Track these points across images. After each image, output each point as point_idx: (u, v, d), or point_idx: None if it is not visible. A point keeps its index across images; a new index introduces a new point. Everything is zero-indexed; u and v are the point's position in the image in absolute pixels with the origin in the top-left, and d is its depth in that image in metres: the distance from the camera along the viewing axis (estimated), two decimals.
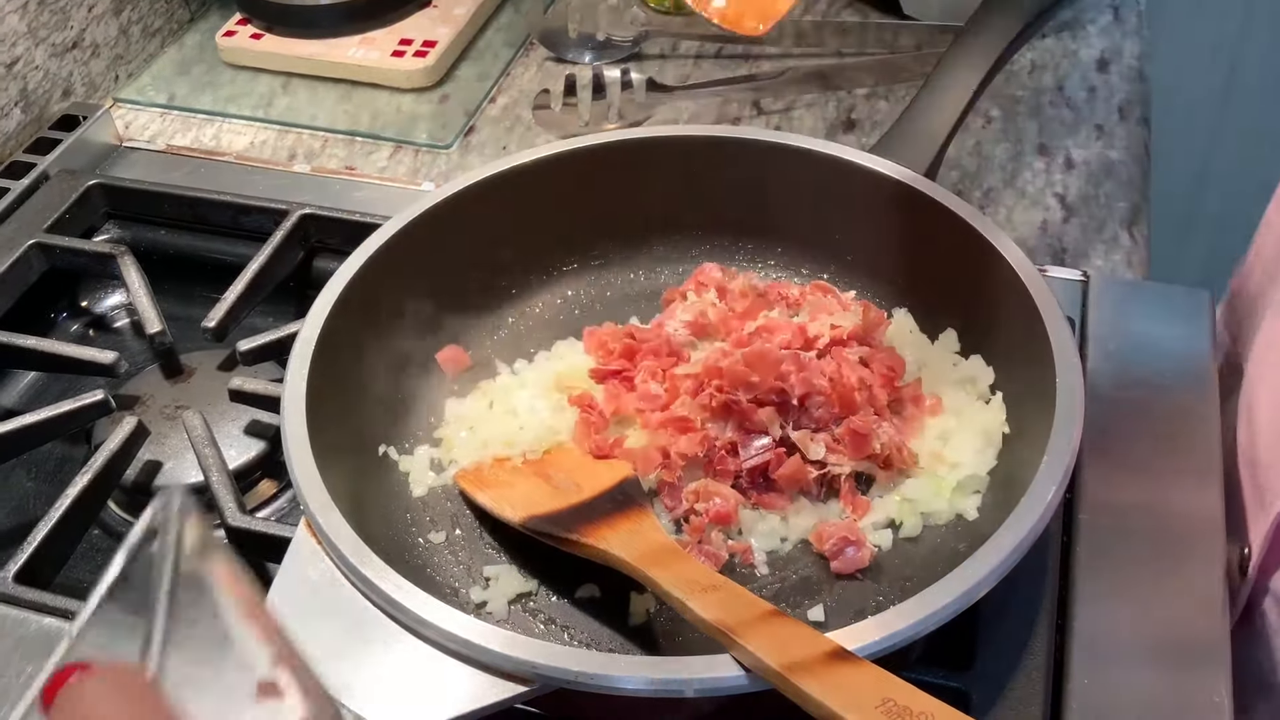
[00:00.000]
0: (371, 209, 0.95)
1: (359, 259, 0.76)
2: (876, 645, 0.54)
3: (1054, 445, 0.63)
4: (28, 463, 0.86)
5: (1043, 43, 1.15)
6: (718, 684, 0.54)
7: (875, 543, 0.70)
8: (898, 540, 0.70)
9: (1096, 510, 0.73)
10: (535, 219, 0.85)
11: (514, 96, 1.14)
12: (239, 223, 0.98)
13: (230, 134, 1.12)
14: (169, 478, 0.81)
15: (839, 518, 0.71)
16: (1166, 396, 0.79)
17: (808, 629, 0.56)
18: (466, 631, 0.56)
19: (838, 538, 0.69)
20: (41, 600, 0.70)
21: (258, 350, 0.84)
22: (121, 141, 1.11)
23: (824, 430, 0.73)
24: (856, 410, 0.73)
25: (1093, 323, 0.85)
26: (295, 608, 0.59)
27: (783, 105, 1.11)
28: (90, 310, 1.01)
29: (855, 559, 0.69)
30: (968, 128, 1.02)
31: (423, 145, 1.09)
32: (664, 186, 0.86)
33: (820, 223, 0.85)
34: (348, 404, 0.74)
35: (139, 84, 1.18)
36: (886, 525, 0.71)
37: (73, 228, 0.98)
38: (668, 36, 1.19)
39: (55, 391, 0.92)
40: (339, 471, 0.70)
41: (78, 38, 1.12)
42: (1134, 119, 1.07)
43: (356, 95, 1.15)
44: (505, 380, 0.80)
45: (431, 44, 1.16)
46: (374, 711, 0.54)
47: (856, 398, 0.73)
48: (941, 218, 0.78)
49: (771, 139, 0.85)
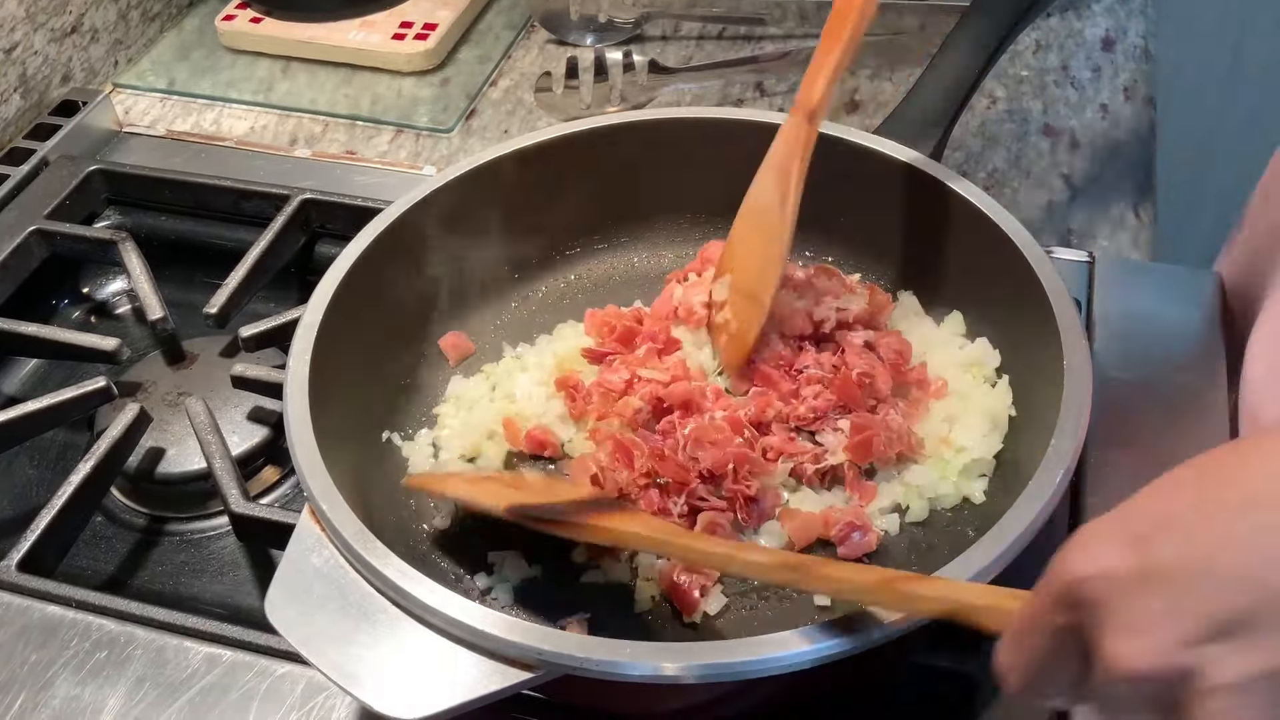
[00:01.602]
0: (373, 193, 0.95)
1: (361, 244, 0.76)
2: (881, 633, 0.54)
3: (1062, 428, 0.62)
4: (30, 450, 0.86)
5: (1047, 22, 1.14)
6: (721, 670, 0.54)
7: (882, 527, 0.70)
8: (904, 524, 0.70)
9: (1103, 492, 0.72)
10: (538, 203, 0.84)
11: (515, 79, 1.14)
12: (240, 208, 0.98)
13: (230, 119, 1.11)
14: (172, 464, 0.81)
15: (844, 504, 0.71)
16: (1173, 377, 0.79)
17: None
18: (471, 618, 0.55)
19: (844, 523, 0.68)
20: (45, 588, 0.70)
21: (260, 336, 0.84)
22: (121, 127, 1.10)
23: (822, 419, 0.72)
24: (859, 405, 0.72)
25: (1099, 304, 0.84)
26: (299, 595, 0.59)
27: (786, 87, 1.10)
28: (91, 297, 1.00)
29: (861, 544, 0.68)
30: (972, 108, 1.01)
31: (424, 129, 1.08)
32: (667, 169, 0.86)
33: (824, 205, 0.84)
34: (351, 390, 0.74)
35: (138, 69, 1.18)
36: (893, 510, 0.70)
37: (73, 214, 0.98)
38: (669, 18, 1.18)
39: (57, 379, 0.92)
40: (342, 458, 0.70)
41: (77, 23, 1.12)
42: (1139, 98, 1.06)
43: (357, 79, 1.14)
44: (508, 363, 0.80)
45: (432, 27, 1.15)
46: (379, 699, 0.54)
47: (859, 393, 0.72)
48: (946, 199, 0.77)
49: (775, 121, 0.84)
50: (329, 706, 0.65)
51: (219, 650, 0.67)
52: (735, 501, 0.69)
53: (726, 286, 0.78)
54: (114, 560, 0.79)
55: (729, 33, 1.17)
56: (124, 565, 0.79)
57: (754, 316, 0.76)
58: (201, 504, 0.82)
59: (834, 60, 0.73)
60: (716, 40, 1.17)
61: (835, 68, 0.73)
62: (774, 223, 0.75)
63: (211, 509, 0.81)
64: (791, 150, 0.75)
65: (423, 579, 0.57)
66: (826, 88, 0.73)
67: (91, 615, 0.69)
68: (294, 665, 0.66)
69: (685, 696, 0.60)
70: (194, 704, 0.65)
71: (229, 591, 0.77)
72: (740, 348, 0.76)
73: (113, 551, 0.80)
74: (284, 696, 0.65)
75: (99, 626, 0.69)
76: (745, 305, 0.76)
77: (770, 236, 0.75)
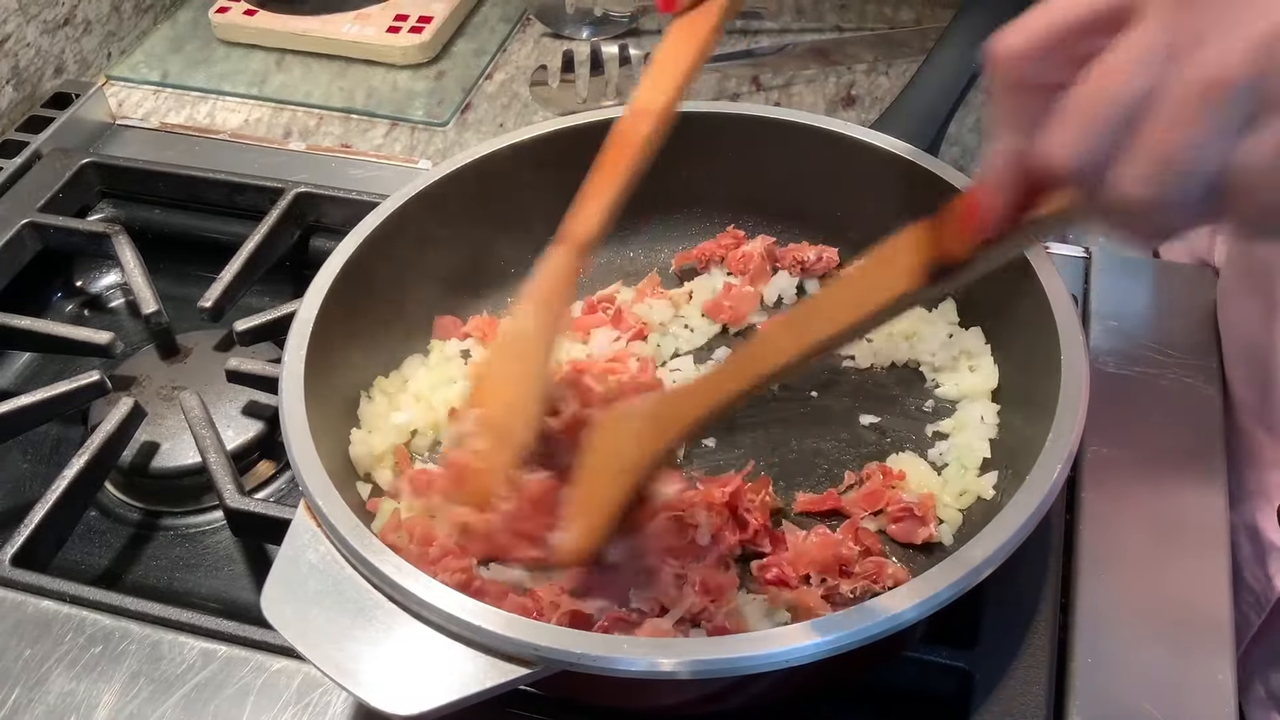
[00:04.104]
0: (368, 187, 0.94)
1: (356, 238, 0.76)
2: (877, 628, 0.54)
3: (1058, 424, 0.62)
4: (24, 444, 0.85)
5: None
6: (718, 666, 0.54)
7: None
8: None
9: (1100, 488, 0.73)
10: (533, 197, 0.83)
11: (511, 73, 1.13)
12: (234, 201, 0.97)
13: (224, 111, 1.11)
14: (166, 459, 0.81)
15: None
16: (1169, 373, 0.79)
17: None
18: (468, 614, 0.55)
19: (901, 505, 0.69)
20: (39, 583, 0.70)
21: (255, 330, 0.83)
22: (115, 119, 1.10)
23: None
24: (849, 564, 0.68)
25: (1096, 299, 0.84)
26: (295, 590, 0.59)
27: (782, 81, 1.10)
28: (85, 290, 1.00)
29: (913, 532, 0.69)
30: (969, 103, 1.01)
31: (419, 122, 1.08)
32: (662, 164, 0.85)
33: (820, 199, 0.84)
34: (346, 385, 0.74)
35: (132, 61, 1.17)
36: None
37: (66, 207, 0.98)
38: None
39: (51, 373, 0.92)
40: (338, 452, 0.69)
41: (69, 14, 1.11)
42: None
43: (352, 72, 1.14)
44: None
45: (427, 19, 1.15)
46: (376, 694, 0.54)
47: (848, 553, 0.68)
48: (943, 194, 0.77)
49: (771, 115, 0.84)
50: (325, 702, 0.64)
51: (214, 645, 0.67)
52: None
53: (472, 420, 0.69)
54: (108, 555, 0.79)
55: (725, 27, 1.17)
56: (118, 560, 0.79)
57: (502, 456, 0.67)
58: (196, 499, 0.81)
59: (610, 193, 0.69)
60: None
61: (612, 201, 0.69)
62: (533, 353, 0.69)
63: (206, 504, 0.81)
64: (558, 282, 0.69)
65: (419, 574, 0.57)
66: (601, 220, 0.69)
67: (86, 610, 0.69)
68: (290, 661, 0.66)
69: (682, 691, 0.60)
70: (189, 699, 0.65)
71: (224, 587, 0.77)
72: (482, 488, 0.67)
73: (107, 546, 0.80)
74: (280, 692, 0.65)
75: (93, 622, 0.68)
76: (495, 442, 0.68)
77: (529, 367, 0.69)
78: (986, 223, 0.47)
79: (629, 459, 0.62)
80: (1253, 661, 0.80)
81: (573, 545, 0.63)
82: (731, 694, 0.60)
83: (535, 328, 0.69)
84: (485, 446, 0.67)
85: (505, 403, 0.69)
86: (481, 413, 0.69)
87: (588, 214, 0.69)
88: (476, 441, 0.68)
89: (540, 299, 0.69)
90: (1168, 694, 0.63)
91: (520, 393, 0.68)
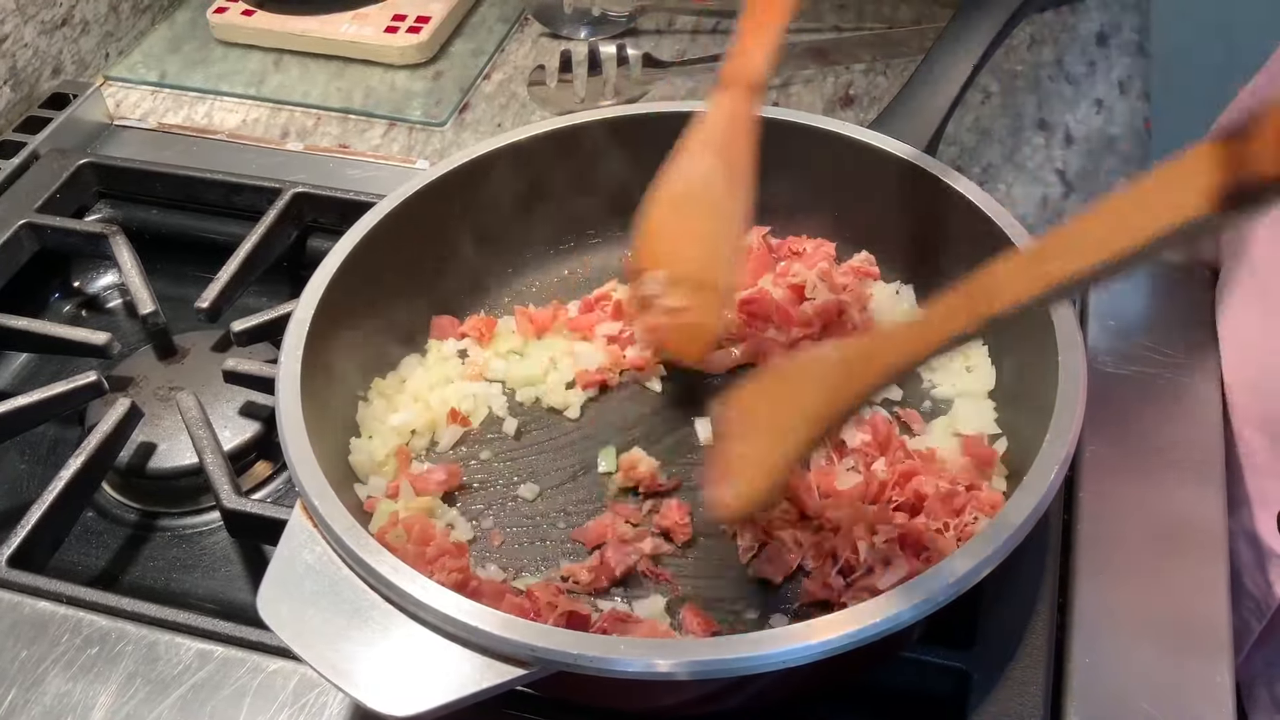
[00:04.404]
0: (365, 187, 0.94)
1: (353, 238, 0.75)
2: (874, 628, 0.54)
3: (1056, 425, 0.62)
4: (20, 445, 0.85)
5: (1042, 17, 1.14)
6: (715, 667, 0.54)
7: None
8: None
9: (1097, 489, 0.73)
10: (531, 197, 0.84)
11: (509, 73, 1.13)
12: (231, 202, 0.97)
13: (222, 112, 1.11)
14: (163, 460, 0.81)
15: None
16: (1167, 373, 0.79)
17: None
18: (465, 614, 0.55)
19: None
20: (35, 584, 0.70)
21: (252, 331, 0.83)
22: (112, 120, 1.10)
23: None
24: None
25: (1093, 299, 0.84)
26: (292, 591, 0.58)
27: (780, 81, 1.10)
28: (82, 291, 1.00)
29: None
30: (967, 103, 1.01)
31: (417, 122, 1.08)
32: (661, 164, 0.85)
33: (819, 200, 0.84)
34: (343, 385, 0.74)
35: (129, 61, 1.17)
36: None
37: (64, 207, 0.97)
38: (664, 11, 1.18)
39: (48, 373, 0.91)
40: (335, 453, 0.69)
41: (67, 15, 1.11)
42: (1134, 93, 1.06)
43: (349, 72, 1.14)
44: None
45: (425, 19, 1.14)
46: (372, 695, 0.54)
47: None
48: (941, 194, 0.77)
49: (769, 115, 0.84)
50: (321, 703, 0.64)
51: (211, 646, 0.67)
52: None
53: (659, 281, 0.69)
54: (105, 556, 0.79)
55: (723, 26, 1.17)
56: (115, 561, 0.79)
57: (712, 304, 0.68)
58: (193, 499, 0.81)
59: (775, 25, 0.64)
60: (711, 34, 1.17)
61: (776, 33, 0.64)
62: (720, 205, 0.66)
63: (203, 504, 0.81)
64: (732, 128, 0.64)
65: (415, 575, 0.57)
66: (767, 55, 0.63)
67: (82, 611, 0.69)
68: (286, 661, 0.66)
69: (679, 692, 0.60)
70: (185, 700, 0.65)
71: (221, 587, 0.77)
72: (702, 336, 0.70)
73: (104, 547, 0.80)
74: (276, 693, 0.65)
75: (90, 623, 0.68)
76: (698, 295, 0.68)
77: (718, 219, 0.67)
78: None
79: (810, 409, 0.55)
80: (1255, 667, 0.79)
81: (735, 502, 0.58)
82: (729, 695, 0.60)
83: (713, 179, 0.64)
84: (683, 303, 0.65)
85: (696, 260, 0.65)
86: (669, 272, 0.65)
87: (750, 50, 0.63)
88: (670, 299, 0.65)
89: (717, 147, 0.64)
90: (1166, 694, 0.63)
91: (713, 242, 0.65)
